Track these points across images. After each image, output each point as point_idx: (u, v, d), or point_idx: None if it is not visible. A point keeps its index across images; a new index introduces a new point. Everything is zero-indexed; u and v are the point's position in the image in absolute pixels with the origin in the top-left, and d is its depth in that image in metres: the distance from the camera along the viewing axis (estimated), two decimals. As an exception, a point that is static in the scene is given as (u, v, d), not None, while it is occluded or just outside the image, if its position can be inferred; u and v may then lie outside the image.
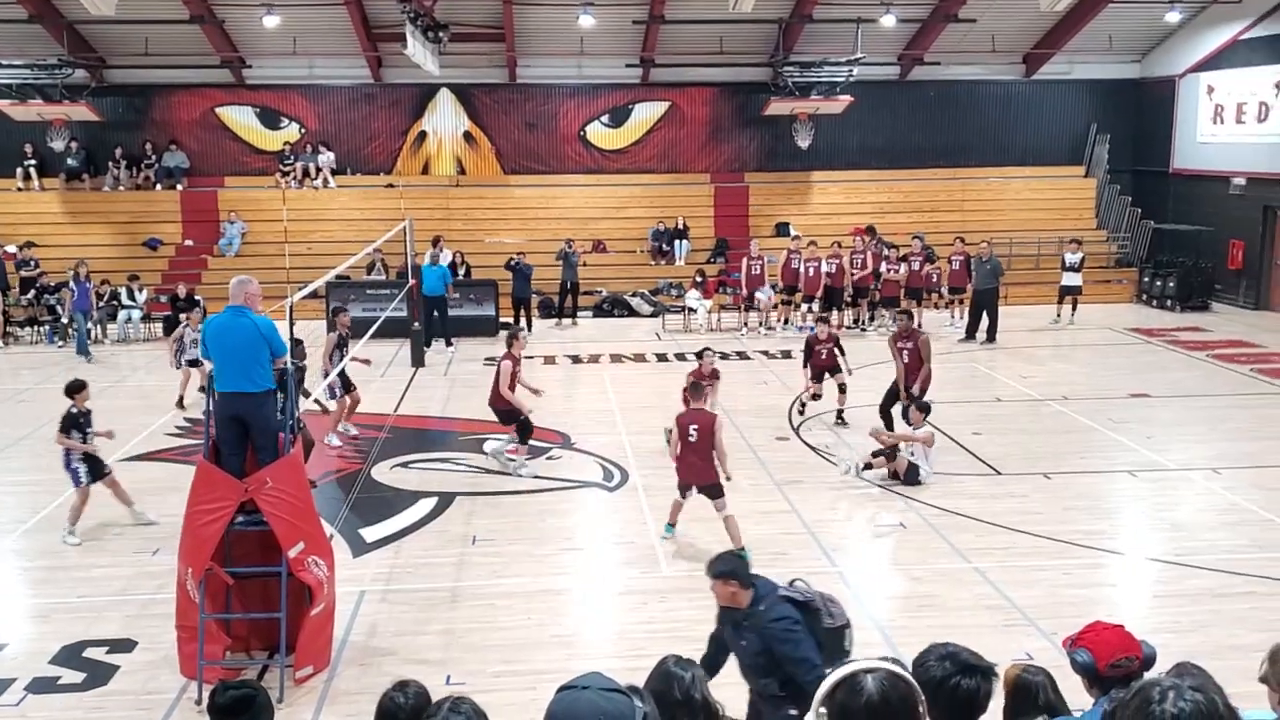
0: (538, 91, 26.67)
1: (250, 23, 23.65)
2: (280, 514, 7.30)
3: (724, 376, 17.35)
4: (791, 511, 11.00)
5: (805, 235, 23.01)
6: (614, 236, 25.95)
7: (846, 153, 26.57)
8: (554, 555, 9.99)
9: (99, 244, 24.58)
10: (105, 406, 14.76)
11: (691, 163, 27.11)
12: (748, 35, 24.95)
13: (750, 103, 26.34)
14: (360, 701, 7.00)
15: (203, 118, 26.26)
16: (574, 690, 2.72)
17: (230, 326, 7.58)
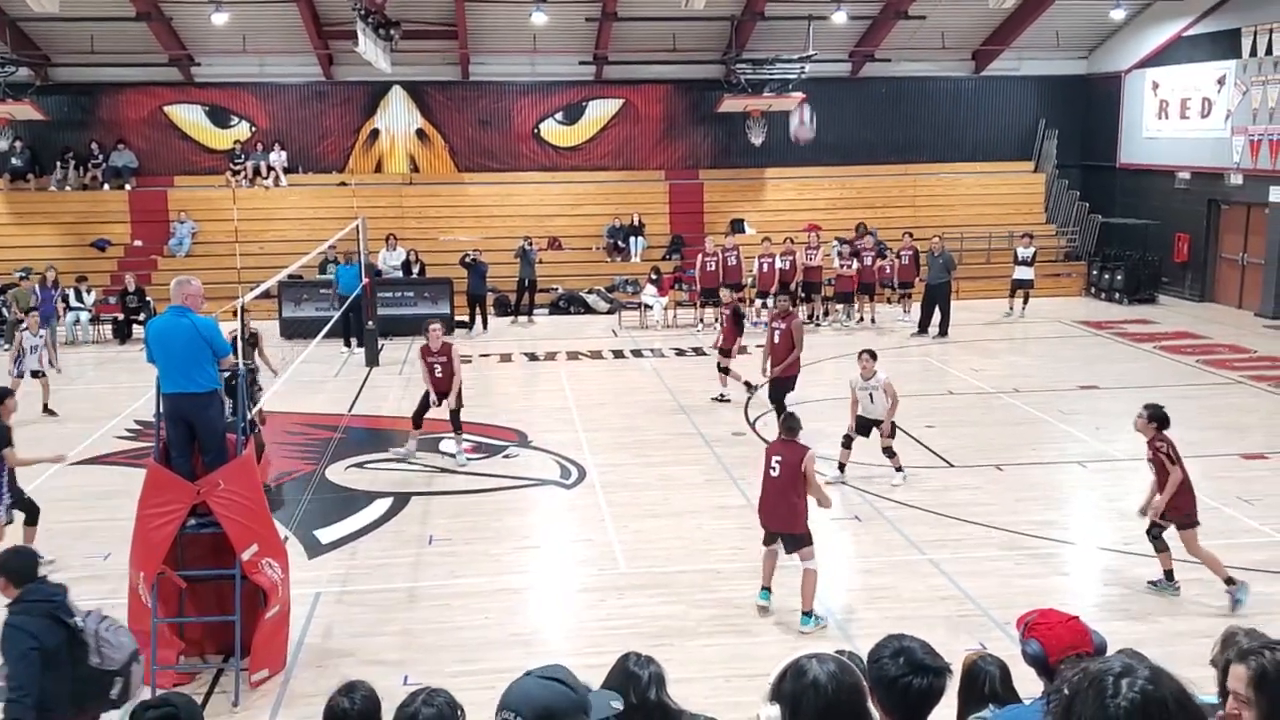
0: (491, 89, 26.57)
1: (198, 20, 23.34)
2: (233, 516, 7.23)
3: (678, 372, 17.51)
4: (748, 505, 11.04)
5: (760, 231, 23.14)
6: (570, 234, 25.93)
7: (799, 150, 26.72)
8: (511, 554, 9.99)
9: (46, 244, 24.16)
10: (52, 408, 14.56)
11: (646, 160, 27.14)
12: (700, 32, 25.03)
13: (704, 100, 26.43)
14: (316, 703, 6.90)
15: (151, 116, 25.87)
16: (521, 678, 2.84)
17: (171, 327, 7.48)
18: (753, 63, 24.62)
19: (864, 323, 21.93)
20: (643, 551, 9.90)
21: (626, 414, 15.10)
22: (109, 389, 16.81)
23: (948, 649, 3.51)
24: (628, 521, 10.66)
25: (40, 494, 11.49)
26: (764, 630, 8.29)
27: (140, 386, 15.07)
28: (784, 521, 8.42)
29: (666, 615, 8.55)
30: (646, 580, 9.24)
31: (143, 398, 14.98)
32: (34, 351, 14.78)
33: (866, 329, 21.49)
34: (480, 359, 19.24)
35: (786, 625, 8.37)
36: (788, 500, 8.36)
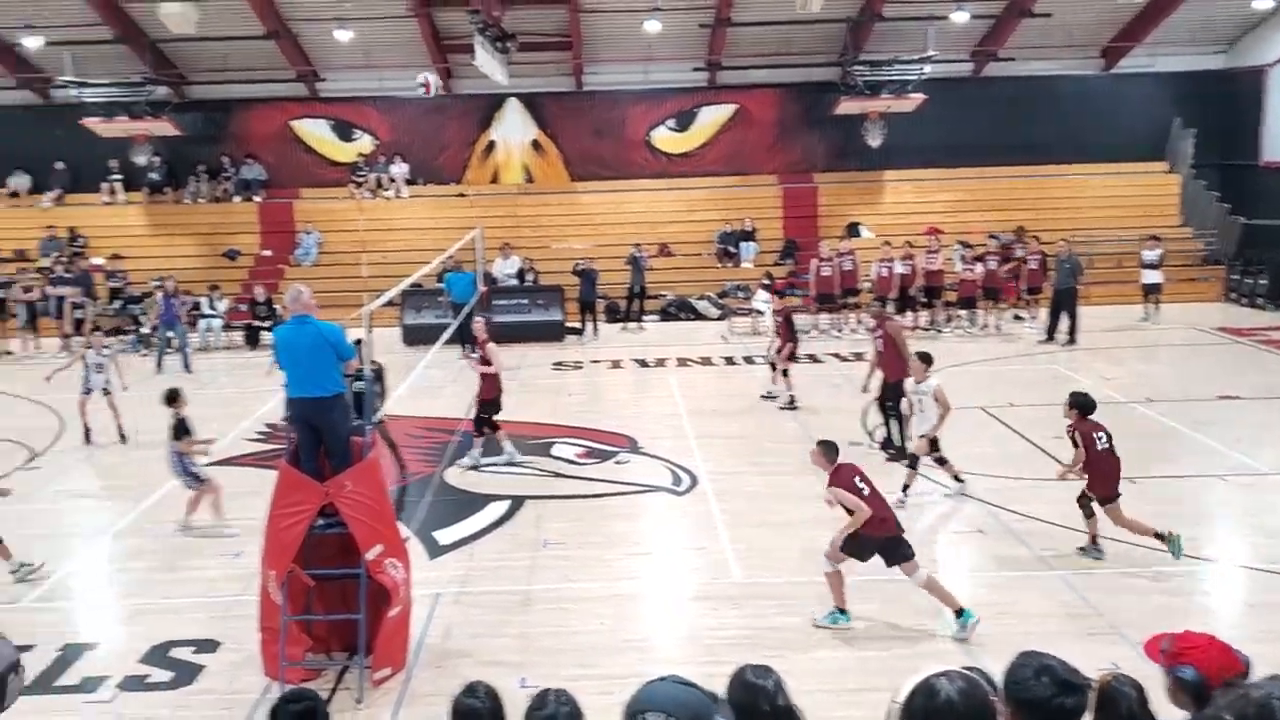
0: (604, 98, 26.79)
1: (323, 37, 24.13)
2: (359, 517, 7.40)
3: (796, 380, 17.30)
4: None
5: (878, 235, 22.80)
6: (680, 240, 25.96)
7: (919, 152, 26.24)
8: (624, 560, 9.99)
9: (181, 255, 25.23)
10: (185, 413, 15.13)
11: (759, 164, 27.01)
12: (815, 35, 24.80)
13: (818, 103, 26.16)
14: (437, 703, 7.06)
15: (278, 131, 26.82)
16: (654, 682, 2.87)
17: (297, 335, 7.71)
18: (870, 64, 24.28)
19: (988, 329, 21.37)
20: (757, 561, 9.79)
21: (738, 421, 15.01)
22: (239, 393, 17.42)
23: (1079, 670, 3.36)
24: (741, 530, 10.57)
25: (174, 494, 12.02)
26: (883, 644, 8.11)
27: (269, 390, 15.60)
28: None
29: (782, 626, 8.43)
30: (761, 590, 9.13)
31: (271, 401, 15.50)
32: (100, 370, 14.51)
33: (991, 335, 20.95)
34: (590, 365, 19.38)
35: (907, 639, 8.18)
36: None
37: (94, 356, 14.47)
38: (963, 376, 17.20)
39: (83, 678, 7.78)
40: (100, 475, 13.31)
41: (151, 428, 15.07)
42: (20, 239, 25.50)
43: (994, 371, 17.90)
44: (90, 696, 7.51)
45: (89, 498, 12.50)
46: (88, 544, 10.87)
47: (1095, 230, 24.67)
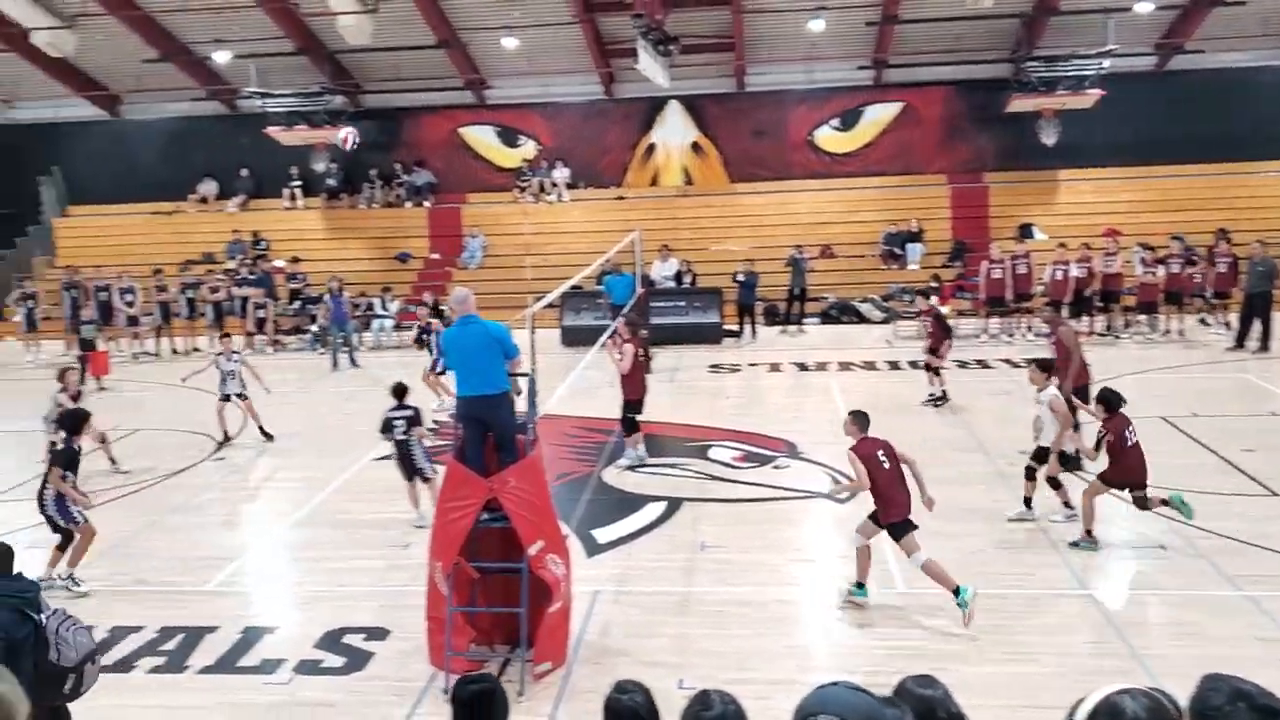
0: (766, 99, 26.63)
1: (491, 45, 24.76)
2: (522, 512, 7.53)
3: (964, 385, 16.82)
4: (1037, 530, 10.44)
5: (1052, 236, 21.95)
6: (843, 241, 25.57)
7: (1097, 150, 25.13)
8: (784, 566, 9.85)
9: (355, 258, 26.32)
10: (359, 409, 15.76)
11: (926, 163, 26.37)
12: (987, 31, 24.05)
13: (990, 100, 25.36)
14: (595, 700, 7.03)
15: (447, 138, 27.69)
16: (826, 686, 2.81)
17: (465, 334, 7.92)
18: (1045, 60, 23.41)
19: (1170, 335, 20.28)
20: (921, 572, 9.50)
21: (902, 428, 14.47)
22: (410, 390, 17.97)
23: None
24: (905, 538, 10.28)
25: (347, 486, 12.52)
26: (1051, 659, 7.75)
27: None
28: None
29: (946, 639, 8.16)
30: (925, 601, 8.85)
31: (436, 400, 15.96)
32: (233, 377, 14.70)
33: (1173, 341, 19.88)
34: (749, 368, 19.26)
35: (1081, 657, 7.81)
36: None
37: (225, 363, 14.75)
38: (1143, 384, 16.37)
39: (262, 659, 8.15)
40: (280, 467, 13.95)
41: (324, 424, 15.74)
42: (208, 242, 27.09)
43: (1177, 380, 16.96)
44: (269, 678, 7.85)
45: (269, 488, 13.12)
46: (267, 532, 11.42)
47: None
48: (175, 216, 27.92)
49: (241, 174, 27.99)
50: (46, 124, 28.22)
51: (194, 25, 23.92)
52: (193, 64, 25.67)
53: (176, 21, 23.96)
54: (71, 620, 5.45)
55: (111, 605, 9.29)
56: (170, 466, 13.79)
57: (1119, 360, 17.51)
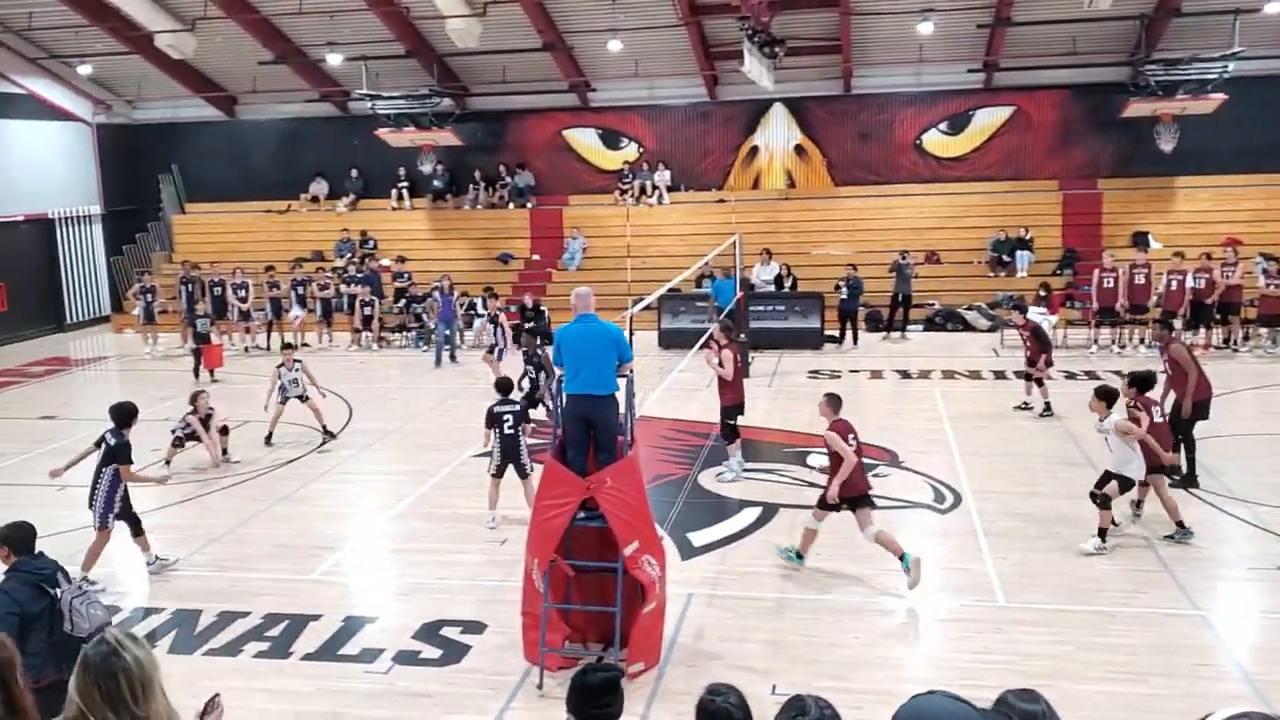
0: (872, 101, 26.29)
1: (596, 47, 24.91)
2: (618, 513, 7.56)
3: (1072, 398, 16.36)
4: (1148, 547, 10.10)
5: (1167, 245, 21.23)
6: (949, 247, 25.09)
7: (1218, 156, 24.20)
8: (881, 575, 9.70)
9: (459, 258, 26.72)
10: (458, 407, 16.02)
11: (1037, 169, 25.74)
12: (1104, 33, 23.35)
13: (1105, 104, 24.63)
14: (688, 701, 7.04)
15: (550, 140, 27.95)
16: (922, 695, 2.76)
17: (585, 333, 7.99)
18: (1165, 63, 22.60)
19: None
20: (1024, 586, 9.28)
21: (1007, 439, 14.30)
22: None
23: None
24: (1007, 553, 10.05)
25: (447, 482, 12.73)
26: (1158, 680, 7.50)
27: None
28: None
29: (1049, 655, 7.95)
30: (1028, 617, 8.64)
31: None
32: (294, 385, 15.05)
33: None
34: (849, 374, 19.03)
35: (1190, 676, 7.53)
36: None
37: (286, 374, 15.11)
38: (1262, 400, 15.73)
39: (362, 649, 8.34)
40: (382, 461, 14.25)
41: (426, 420, 16.03)
42: (318, 240, 27.83)
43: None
44: (369, 667, 8.03)
45: (372, 481, 13.41)
46: (369, 524, 11.67)
47: None
48: (287, 215, 28.75)
49: (351, 174, 28.70)
50: (167, 124, 29.33)
51: (308, 28, 24.60)
52: (306, 66, 26.39)
53: (292, 24, 24.67)
54: (85, 596, 5.95)
55: (220, 590, 9.60)
56: (278, 457, 14.20)
57: (1237, 374, 16.83)
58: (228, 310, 23.20)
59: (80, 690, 3.52)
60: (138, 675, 3.54)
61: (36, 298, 26.79)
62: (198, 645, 8.49)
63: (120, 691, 3.50)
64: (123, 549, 10.13)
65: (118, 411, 9.97)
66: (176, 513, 12.02)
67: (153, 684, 3.60)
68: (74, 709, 3.54)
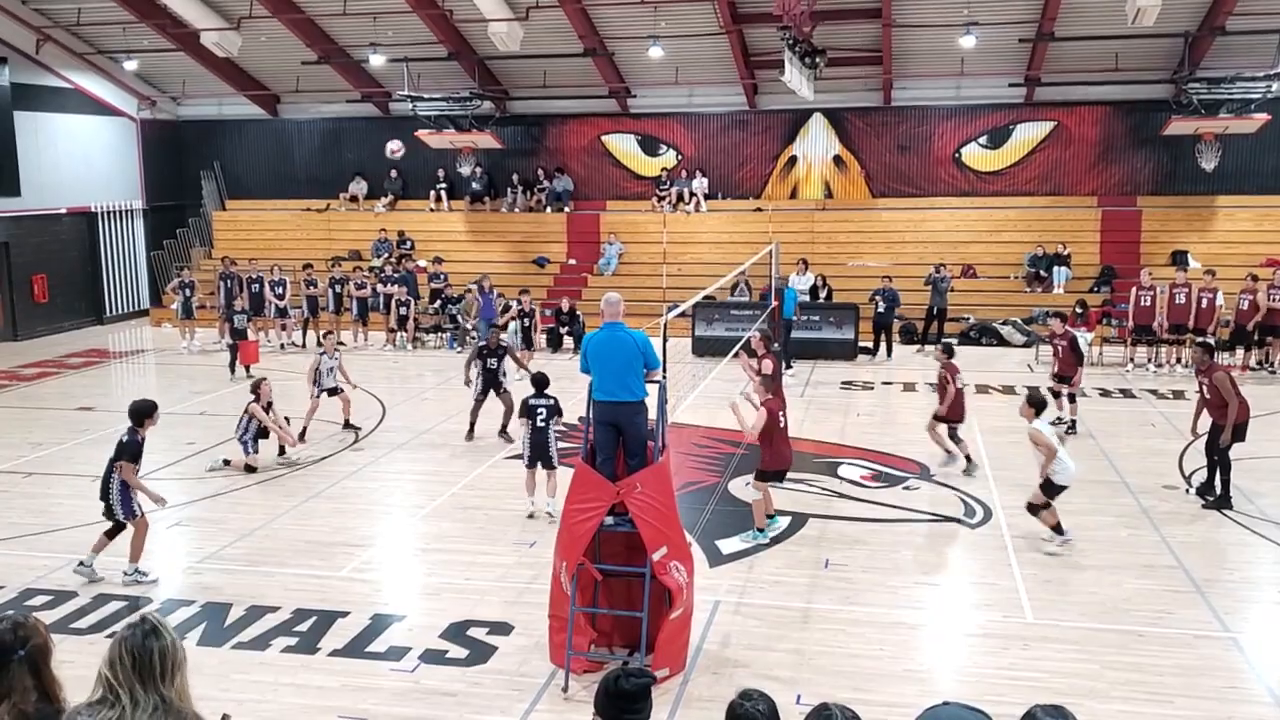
0: (912, 113, 26.21)
1: (637, 53, 24.99)
2: (647, 518, 7.60)
3: (1107, 415, 16.24)
4: (1178, 567, 10.01)
5: (1205, 265, 21.00)
6: (985, 261, 24.96)
7: (1260, 176, 23.96)
8: (909, 588, 9.69)
9: (495, 260, 26.87)
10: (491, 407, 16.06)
11: (1076, 185, 25.56)
12: (1147, 50, 23.16)
13: (1146, 122, 24.46)
14: (712, 709, 7.13)
15: (589, 145, 28.06)
16: (939, 705, 2.81)
17: (611, 340, 8.04)
18: (1208, 81, 22.40)
19: (1333, 375, 19.19)
20: (1053, 603, 9.23)
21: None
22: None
23: None
24: (1036, 569, 10.00)
25: (477, 483, 12.83)
26: (1187, 703, 7.44)
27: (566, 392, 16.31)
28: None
29: (1075, 673, 7.91)
30: (1056, 634, 8.60)
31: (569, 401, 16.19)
32: (330, 374, 15.23)
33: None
34: (882, 386, 18.96)
35: (1217, 698, 7.46)
36: None
37: (327, 361, 15.34)
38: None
39: (389, 646, 8.42)
40: (414, 460, 14.35)
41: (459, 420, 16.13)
42: (356, 240, 28.08)
43: (1340, 421, 16.03)
44: (395, 664, 8.11)
45: (403, 480, 13.52)
46: (399, 523, 11.78)
47: None
48: (326, 214, 29.03)
49: (391, 175, 28.94)
50: (210, 121, 29.72)
51: (352, 29, 24.84)
52: (348, 66, 26.66)
53: (335, 25, 24.93)
54: None
55: (250, 585, 9.72)
56: (312, 454, 14.35)
57: (1273, 397, 16.62)
58: (265, 307, 23.45)
59: (110, 663, 3.61)
60: (172, 656, 3.64)
61: (77, 290, 27.20)
62: (226, 639, 8.60)
63: (152, 667, 3.59)
64: (150, 545, 10.24)
65: (132, 409, 9.87)
66: (210, 506, 12.19)
67: (181, 669, 3.69)
68: (102, 683, 3.63)
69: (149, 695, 3.58)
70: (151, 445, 14.88)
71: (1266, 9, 21.12)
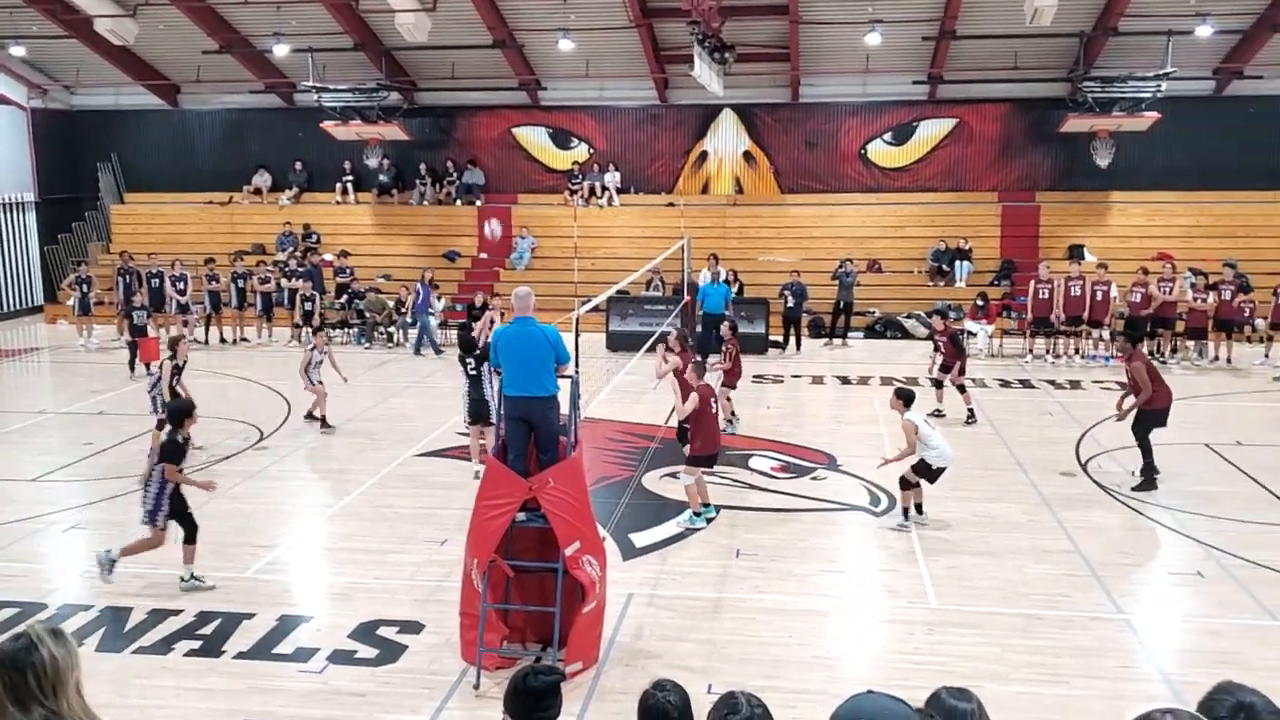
0: (819, 110, 26.59)
1: (547, 46, 24.91)
2: (560, 513, 7.60)
3: (1006, 405, 16.70)
4: (1074, 551, 10.35)
5: (1100, 259, 21.71)
6: (890, 256, 25.46)
7: (1151, 173, 24.87)
8: (816, 576, 9.85)
9: (404, 254, 26.57)
10: (401, 404, 15.94)
11: (978, 181, 26.20)
12: (1045, 49, 23.85)
13: (1045, 119, 25.17)
14: (625, 700, 7.16)
15: (500, 137, 27.88)
16: (861, 695, 2.84)
17: (521, 335, 8.00)
18: (1102, 80, 23.17)
19: (1219, 362, 20.00)
20: (956, 589, 9.47)
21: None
22: (454, 387, 18.13)
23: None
24: (940, 556, 10.25)
25: (387, 481, 12.69)
26: (1083, 683, 7.70)
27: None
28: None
29: (978, 657, 8.13)
30: (958, 618, 8.83)
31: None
32: (316, 370, 15.34)
33: (1221, 369, 19.62)
34: (791, 379, 19.23)
35: (1111, 678, 7.75)
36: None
37: (316, 355, 15.33)
38: (1188, 411, 16.14)
39: (296, 648, 8.27)
40: (321, 458, 14.13)
41: (365, 417, 15.90)
42: (260, 234, 27.49)
43: (1223, 408, 16.74)
44: (303, 666, 7.97)
45: (311, 478, 13.30)
46: (306, 522, 11.58)
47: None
48: (229, 207, 28.36)
49: (295, 167, 28.39)
50: (107, 111, 28.80)
51: (254, 18, 24.30)
52: (251, 56, 26.07)
53: (237, 13, 24.36)
54: None
55: (152, 587, 9.47)
56: (215, 454, 14.02)
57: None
58: (166, 303, 22.83)
59: None
60: (50, 673, 3.52)
61: (-34, 286, 26.19)
62: (127, 643, 8.36)
63: (28, 686, 3.48)
64: (46, 548, 9.93)
65: (171, 409, 9.92)
66: (109, 508, 11.83)
67: (67, 682, 3.57)
68: None
69: (31, 713, 3.46)
70: (46, 446, 14.52)
71: (1157, 11, 21.91)
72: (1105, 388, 17.96)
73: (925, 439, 10.94)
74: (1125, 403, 12.62)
